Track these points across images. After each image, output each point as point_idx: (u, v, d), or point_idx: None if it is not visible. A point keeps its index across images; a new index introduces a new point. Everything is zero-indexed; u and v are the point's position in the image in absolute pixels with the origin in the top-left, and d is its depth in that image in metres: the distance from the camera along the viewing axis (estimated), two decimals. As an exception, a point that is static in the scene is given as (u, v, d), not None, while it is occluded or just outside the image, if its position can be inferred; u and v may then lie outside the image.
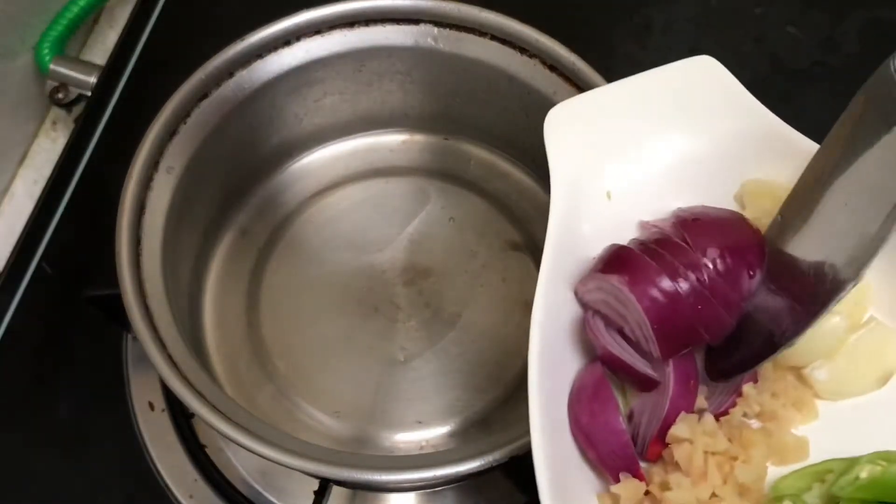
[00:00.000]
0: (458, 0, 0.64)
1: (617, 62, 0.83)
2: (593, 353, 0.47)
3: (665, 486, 0.43)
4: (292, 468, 0.50)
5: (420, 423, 0.63)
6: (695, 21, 0.86)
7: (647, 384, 0.46)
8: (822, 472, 0.43)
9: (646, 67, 0.83)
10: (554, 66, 0.63)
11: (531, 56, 0.63)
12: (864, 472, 0.40)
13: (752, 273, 0.46)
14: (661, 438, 0.45)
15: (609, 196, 0.49)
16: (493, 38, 0.64)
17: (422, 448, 0.62)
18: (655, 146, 0.50)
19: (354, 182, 0.72)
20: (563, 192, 0.48)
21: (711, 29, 0.86)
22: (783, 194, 0.48)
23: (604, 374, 0.46)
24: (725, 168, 0.50)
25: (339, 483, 0.60)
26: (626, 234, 0.49)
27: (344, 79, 0.67)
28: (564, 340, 0.47)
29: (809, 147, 0.48)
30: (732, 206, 0.50)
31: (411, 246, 0.69)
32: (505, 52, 0.64)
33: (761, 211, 0.49)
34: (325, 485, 0.60)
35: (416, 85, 0.69)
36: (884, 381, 0.47)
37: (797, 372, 0.47)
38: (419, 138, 0.73)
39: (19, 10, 0.77)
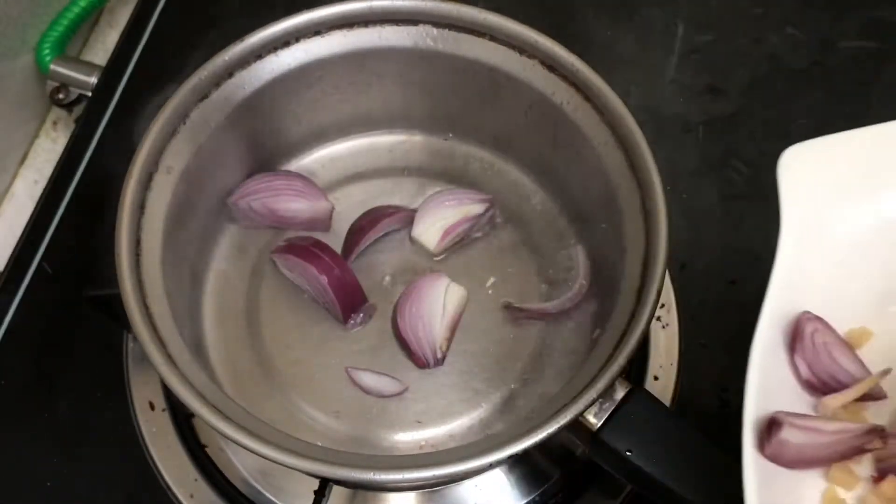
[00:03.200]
0: (457, 1, 0.64)
1: (616, 62, 0.84)
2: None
3: None
4: (292, 468, 0.51)
5: (420, 423, 0.63)
6: (695, 21, 0.86)
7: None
8: None
9: (646, 68, 0.84)
10: (553, 66, 0.63)
11: (530, 56, 0.63)
12: None
13: None
14: None
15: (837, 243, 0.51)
16: (493, 38, 0.64)
17: (421, 448, 0.62)
18: (888, 198, 0.51)
19: (354, 182, 0.72)
20: (795, 233, 0.49)
21: (711, 29, 0.86)
22: None
23: None
24: None
25: (339, 483, 0.60)
26: (853, 285, 0.51)
27: (343, 79, 0.67)
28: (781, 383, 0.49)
29: None
30: None
31: (411, 246, 0.69)
32: (504, 52, 0.64)
33: None
34: (325, 484, 0.60)
35: (415, 85, 0.69)
36: None
37: None
38: (419, 138, 0.74)
39: (20, 10, 0.77)
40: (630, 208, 0.59)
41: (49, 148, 0.83)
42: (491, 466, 0.50)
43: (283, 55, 0.64)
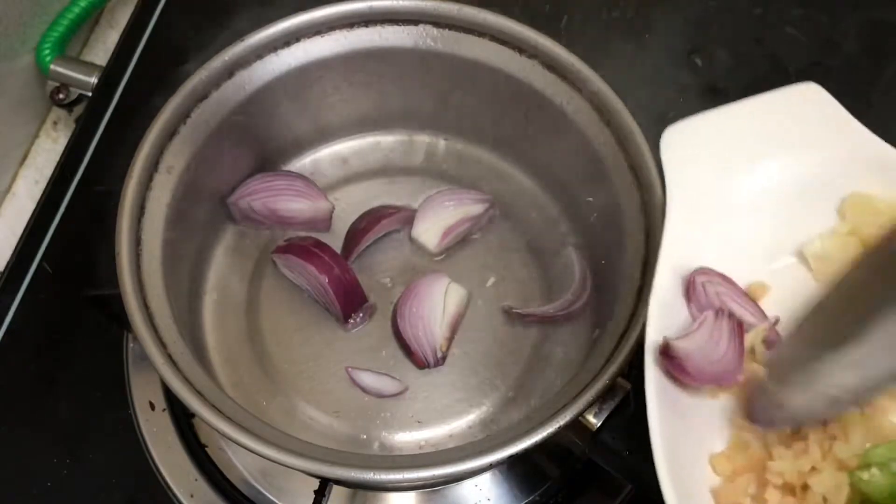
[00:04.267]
0: (457, 1, 0.64)
1: (616, 62, 0.83)
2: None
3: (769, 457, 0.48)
4: (292, 468, 0.51)
5: (420, 423, 0.63)
6: (695, 21, 0.86)
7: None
8: None
9: (645, 68, 0.84)
10: (553, 66, 0.63)
11: (530, 56, 0.64)
12: None
13: None
14: None
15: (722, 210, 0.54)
16: (493, 38, 0.64)
17: (421, 448, 0.62)
18: (766, 166, 0.55)
19: (354, 182, 0.72)
20: (679, 205, 0.53)
21: (711, 29, 0.86)
22: (884, 207, 0.53)
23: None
24: (829, 186, 0.55)
25: (339, 483, 0.60)
26: (735, 244, 0.55)
27: (343, 79, 0.68)
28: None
29: None
30: (834, 218, 0.55)
31: (411, 246, 0.69)
32: (504, 52, 0.64)
33: (862, 222, 0.54)
34: (325, 484, 0.60)
35: (415, 86, 0.69)
36: None
37: None
38: (419, 138, 0.74)
39: (20, 10, 0.77)
40: (629, 208, 0.59)
41: (49, 148, 0.83)
42: (491, 466, 0.51)
43: (283, 55, 0.64)
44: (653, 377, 0.49)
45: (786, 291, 0.54)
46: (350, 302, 0.65)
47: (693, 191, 0.54)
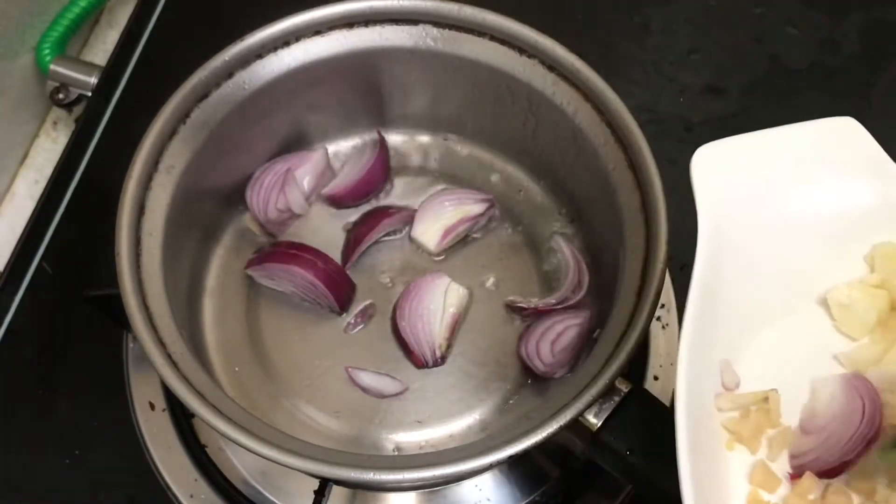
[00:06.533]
0: (457, 0, 0.64)
1: (616, 62, 0.84)
2: None
3: None
4: (292, 468, 0.51)
5: (420, 423, 0.63)
6: (694, 21, 0.86)
7: None
8: None
9: (645, 67, 0.84)
10: (553, 66, 0.63)
11: (530, 56, 0.63)
12: None
13: None
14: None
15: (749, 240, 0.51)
16: (493, 38, 0.64)
17: (421, 448, 0.62)
18: (795, 198, 0.52)
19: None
20: (710, 230, 0.50)
21: (711, 29, 0.86)
22: None
23: None
24: (857, 228, 0.52)
25: (339, 483, 0.60)
26: (759, 280, 0.51)
27: (343, 79, 0.67)
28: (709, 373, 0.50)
29: None
30: (862, 267, 0.52)
31: (410, 246, 0.69)
32: (505, 52, 0.64)
33: (890, 273, 0.51)
34: (325, 484, 0.60)
35: (415, 85, 0.69)
36: None
37: None
38: (419, 138, 0.73)
39: (20, 10, 0.77)
40: (630, 208, 0.59)
41: (49, 148, 0.83)
42: (491, 466, 0.50)
43: (283, 55, 0.64)
44: (684, 425, 0.45)
45: (804, 338, 0.51)
46: (342, 290, 0.65)
47: (724, 218, 0.51)
